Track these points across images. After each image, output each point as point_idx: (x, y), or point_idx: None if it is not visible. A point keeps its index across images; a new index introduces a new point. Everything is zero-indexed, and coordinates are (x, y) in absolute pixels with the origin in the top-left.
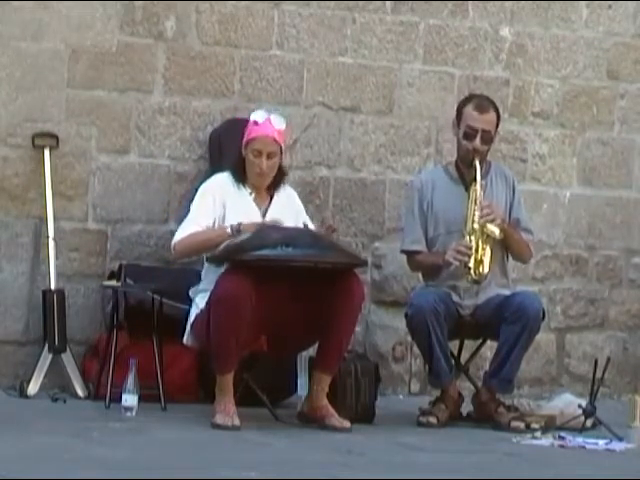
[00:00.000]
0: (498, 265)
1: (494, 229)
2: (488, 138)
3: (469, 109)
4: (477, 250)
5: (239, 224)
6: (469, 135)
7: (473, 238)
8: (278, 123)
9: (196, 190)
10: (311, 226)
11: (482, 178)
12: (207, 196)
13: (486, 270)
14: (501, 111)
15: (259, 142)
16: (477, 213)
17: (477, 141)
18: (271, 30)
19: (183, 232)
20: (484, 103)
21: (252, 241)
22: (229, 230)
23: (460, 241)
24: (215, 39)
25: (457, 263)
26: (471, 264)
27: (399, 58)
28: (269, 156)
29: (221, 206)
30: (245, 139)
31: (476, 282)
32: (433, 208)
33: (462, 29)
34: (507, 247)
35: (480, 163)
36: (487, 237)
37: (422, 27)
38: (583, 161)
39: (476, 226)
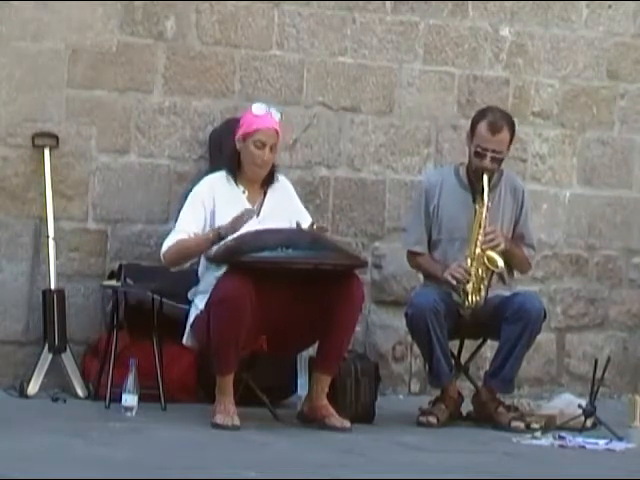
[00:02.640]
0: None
1: (497, 258)
2: (499, 158)
3: (482, 128)
4: (476, 277)
5: (218, 227)
6: (479, 154)
7: (475, 264)
8: (277, 116)
9: (189, 192)
10: (308, 220)
11: (491, 190)
12: (195, 202)
13: (482, 301)
14: None
15: (263, 134)
16: (480, 238)
17: (486, 161)
18: (271, 30)
19: (170, 241)
20: (498, 123)
21: (252, 243)
22: (211, 236)
23: (460, 263)
24: (215, 39)
25: (454, 282)
26: (469, 288)
27: (399, 58)
28: (271, 148)
29: (211, 209)
30: (244, 131)
31: (470, 308)
32: (439, 212)
33: (462, 29)
34: (507, 260)
35: (489, 178)
36: (487, 269)
37: (422, 27)
38: (583, 161)
39: (478, 251)
